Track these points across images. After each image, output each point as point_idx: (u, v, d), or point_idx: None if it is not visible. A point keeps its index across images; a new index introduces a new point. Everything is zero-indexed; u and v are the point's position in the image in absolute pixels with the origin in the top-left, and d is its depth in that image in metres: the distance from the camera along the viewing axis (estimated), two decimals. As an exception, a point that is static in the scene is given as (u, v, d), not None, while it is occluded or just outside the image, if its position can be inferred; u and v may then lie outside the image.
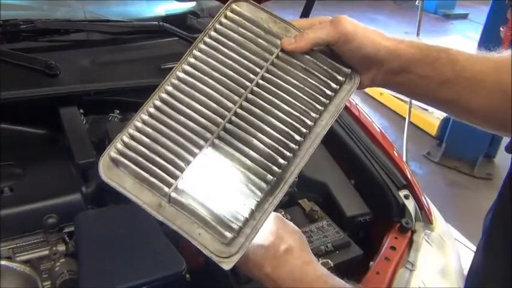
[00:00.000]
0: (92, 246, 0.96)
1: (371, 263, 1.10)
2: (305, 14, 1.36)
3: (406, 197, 1.25)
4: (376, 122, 1.58)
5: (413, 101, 3.21)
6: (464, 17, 9.13)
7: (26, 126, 1.28)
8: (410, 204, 1.24)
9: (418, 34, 3.78)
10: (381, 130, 1.50)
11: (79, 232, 1.00)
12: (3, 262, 1.01)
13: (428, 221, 1.24)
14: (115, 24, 1.61)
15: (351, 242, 1.13)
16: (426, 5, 4.60)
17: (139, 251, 0.95)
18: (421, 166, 3.84)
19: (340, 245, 1.11)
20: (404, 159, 2.29)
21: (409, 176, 1.31)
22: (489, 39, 3.47)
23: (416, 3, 3.67)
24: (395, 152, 1.42)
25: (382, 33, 0.71)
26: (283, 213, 1.18)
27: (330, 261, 1.06)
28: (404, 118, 3.69)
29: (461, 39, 7.54)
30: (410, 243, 1.17)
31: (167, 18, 1.83)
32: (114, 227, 1.00)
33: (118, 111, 1.34)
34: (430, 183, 3.53)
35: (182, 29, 1.64)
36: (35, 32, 1.46)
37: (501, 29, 3.36)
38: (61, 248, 1.06)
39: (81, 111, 1.31)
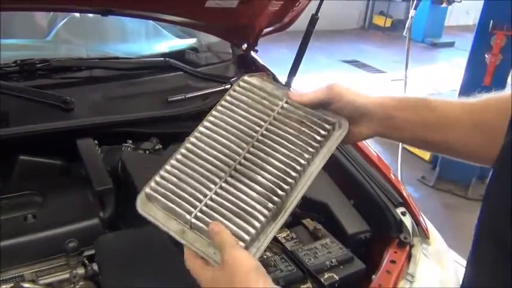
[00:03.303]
0: (113, 266, 1.03)
1: (373, 276, 1.16)
2: (300, 52, 1.47)
3: (403, 213, 1.32)
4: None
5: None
6: (451, 45, 9.36)
7: (44, 158, 1.36)
8: (407, 220, 1.31)
9: (406, 63, 3.93)
10: (377, 153, 1.59)
11: (100, 254, 1.07)
12: (26, 285, 1.07)
13: (425, 236, 1.31)
14: (124, 61, 1.72)
15: (354, 257, 1.19)
16: (414, 35, 4.76)
17: (156, 270, 1.02)
18: (417, 190, 3.92)
19: (343, 260, 1.17)
20: (399, 182, 2.35)
21: (405, 195, 1.39)
22: (475, 66, 3.63)
23: (404, 33, 3.80)
24: (392, 174, 1.50)
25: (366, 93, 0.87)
26: (288, 232, 1.25)
27: (335, 275, 1.12)
28: (398, 144, 3.80)
29: (449, 66, 7.74)
30: (409, 257, 1.23)
31: (169, 55, 1.94)
32: (132, 249, 1.07)
33: (131, 141, 1.42)
34: (426, 206, 3.60)
35: (183, 64, 1.75)
36: (50, 70, 1.55)
37: (486, 55, 3.52)
38: (81, 271, 1.12)
39: (96, 142, 1.39)
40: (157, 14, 1.62)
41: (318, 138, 0.83)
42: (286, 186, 0.78)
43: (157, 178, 0.80)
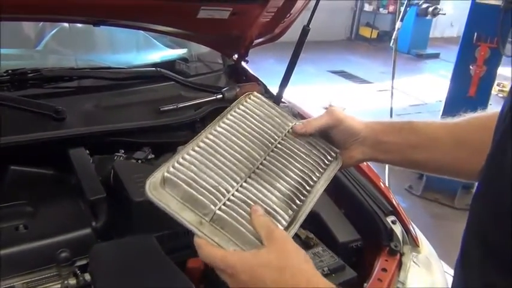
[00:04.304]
0: (108, 276, 1.03)
1: (365, 284, 1.17)
2: (292, 62, 1.49)
3: (394, 222, 1.34)
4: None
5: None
6: (436, 56, 9.54)
7: (35, 168, 1.35)
8: (397, 229, 1.33)
9: (393, 74, 3.99)
10: (366, 163, 1.61)
11: (94, 263, 1.06)
12: (18, 296, 1.07)
13: (415, 244, 1.33)
14: (116, 70, 1.72)
15: (346, 266, 1.20)
16: (400, 46, 4.84)
17: (151, 278, 1.02)
18: (404, 199, 3.96)
19: (335, 269, 1.18)
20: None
21: (395, 203, 1.42)
22: (460, 77, 3.70)
23: (391, 44, 3.87)
24: (381, 184, 1.52)
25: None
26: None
27: (327, 283, 1.14)
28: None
29: (434, 77, 7.87)
30: (400, 265, 1.25)
31: (159, 65, 1.95)
32: (127, 258, 1.07)
33: (123, 151, 1.42)
34: (414, 215, 3.61)
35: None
36: (41, 79, 1.55)
37: (471, 67, 3.59)
38: (72, 281, 1.11)
39: (87, 151, 1.39)
40: (149, 25, 1.63)
41: (326, 161, 0.90)
42: (302, 197, 0.82)
43: (176, 164, 0.76)
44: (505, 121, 0.60)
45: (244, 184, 0.79)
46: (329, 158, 0.91)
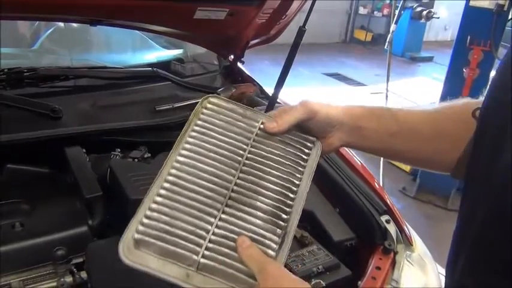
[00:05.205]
0: (104, 273, 1.03)
1: (359, 282, 1.18)
2: (288, 63, 1.49)
3: (388, 221, 1.35)
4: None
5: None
6: (429, 59, 9.60)
7: (31, 166, 1.35)
8: (391, 228, 1.34)
9: (388, 76, 4.02)
10: (361, 163, 1.63)
11: (91, 261, 1.07)
12: (14, 294, 1.07)
13: (408, 243, 1.34)
14: (112, 70, 1.73)
15: (340, 264, 1.21)
16: (394, 49, 4.87)
17: (148, 278, 1.02)
18: (398, 201, 3.98)
19: (330, 267, 1.19)
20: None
21: (389, 203, 1.43)
22: (453, 80, 3.74)
23: (386, 47, 3.89)
24: (376, 183, 1.54)
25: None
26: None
27: (322, 281, 1.14)
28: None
29: (428, 80, 7.92)
30: (394, 263, 1.26)
31: (155, 65, 1.95)
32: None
33: (119, 150, 1.43)
34: (407, 216, 3.62)
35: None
36: (38, 78, 1.55)
37: (464, 70, 3.62)
38: (68, 279, 1.12)
39: (84, 150, 1.39)
40: (146, 25, 1.64)
41: (304, 157, 0.83)
42: (288, 209, 0.75)
43: (144, 219, 0.68)
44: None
45: (223, 216, 0.71)
46: (306, 151, 0.83)
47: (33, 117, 1.39)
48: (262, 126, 0.83)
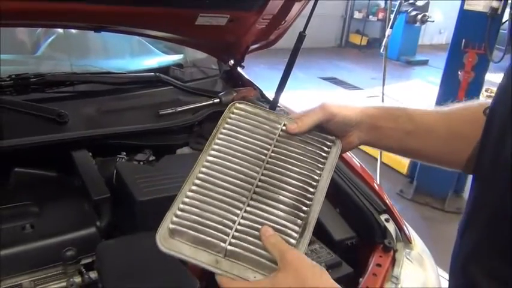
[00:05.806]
0: (114, 273, 1.06)
1: (360, 279, 1.22)
2: (288, 68, 1.54)
3: (387, 220, 1.39)
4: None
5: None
6: (424, 63, 9.66)
7: (38, 169, 1.38)
8: (391, 226, 1.38)
9: (383, 80, 4.06)
10: (360, 164, 1.66)
11: (101, 260, 1.10)
12: (24, 294, 1.10)
13: (407, 241, 1.38)
14: (116, 75, 1.76)
15: (342, 262, 1.25)
16: (389, 53, 4.93)
17: (157, 275, 1.05)
18: (395, 203, 3.96)
19: (332, 265, 1.23)
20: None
21: (388, 202, 1.47)
22: (449, 83, 3.78)
23: (381, 51, 3.94)
24: (375, 184, 1.58)
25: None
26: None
27: (324, 278, 1.18)
28: (376, 159, 3.91)
29: (423, 83, 7.98)
30: (394, 261, 1.30)
31: (155, 70, 1.98)
32: (133, 254, 1.11)
33: (124, 153, 1.46)
34: (405, 218, 3.66)
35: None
36: (44, 84, 1.59)
37: (459, 73, 3.67)
38: (77, 279, 1.15)
39: (90, 154, 1.43)
40: (148, 31, 1.67)
41: (324, 154, 0.89)
42: (308, 202, 0.81)
43: (178, 212, 0.77)
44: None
45: (248, 208, 0.79)
46: (326, 149, 0.90)
47: (39, 122, 1.43)
48: (284, 127, 0.90)
